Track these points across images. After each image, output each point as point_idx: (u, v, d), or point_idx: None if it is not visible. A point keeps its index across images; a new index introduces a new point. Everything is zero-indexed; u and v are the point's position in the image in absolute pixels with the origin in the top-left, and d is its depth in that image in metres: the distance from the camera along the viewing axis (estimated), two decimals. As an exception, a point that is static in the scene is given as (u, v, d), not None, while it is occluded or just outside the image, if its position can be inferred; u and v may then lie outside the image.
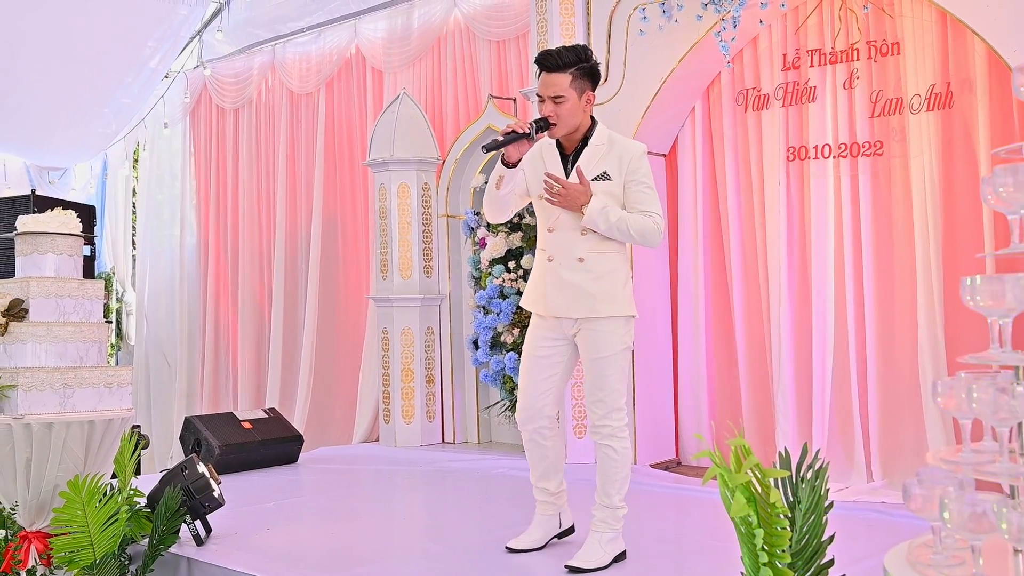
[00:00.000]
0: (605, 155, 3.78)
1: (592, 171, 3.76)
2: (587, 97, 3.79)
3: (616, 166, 3.76)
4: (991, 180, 1.82)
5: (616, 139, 3.85)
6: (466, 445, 7.15)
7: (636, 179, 3.76)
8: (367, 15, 8.28)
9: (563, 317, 3.81)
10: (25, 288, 4.14)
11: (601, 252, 3.77)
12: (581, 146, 3.82)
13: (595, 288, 3.75)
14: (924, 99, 5.27)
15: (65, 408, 4.05)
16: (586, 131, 3.83)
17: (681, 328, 6.28)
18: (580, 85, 3.76)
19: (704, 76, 6.10)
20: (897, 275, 5.40)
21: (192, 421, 6.39)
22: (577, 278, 3.76)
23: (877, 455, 5.37)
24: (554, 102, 3.75)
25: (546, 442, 3.95)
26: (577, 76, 3.76)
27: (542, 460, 3.98)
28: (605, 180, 3.75)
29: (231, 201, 9.58)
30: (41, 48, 8.76)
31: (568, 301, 3.78)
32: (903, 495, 1.81)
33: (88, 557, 3.79)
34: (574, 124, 3.79)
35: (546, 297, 3.83)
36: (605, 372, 3.76)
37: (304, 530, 4.66)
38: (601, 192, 3.73)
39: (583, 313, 3.76)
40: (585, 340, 3.80)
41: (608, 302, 3.75)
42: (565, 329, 3.83)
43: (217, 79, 9.68)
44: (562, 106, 3.74)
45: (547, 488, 4.00)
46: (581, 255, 3.76)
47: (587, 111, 3.81)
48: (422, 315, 7.23)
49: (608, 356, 3.75)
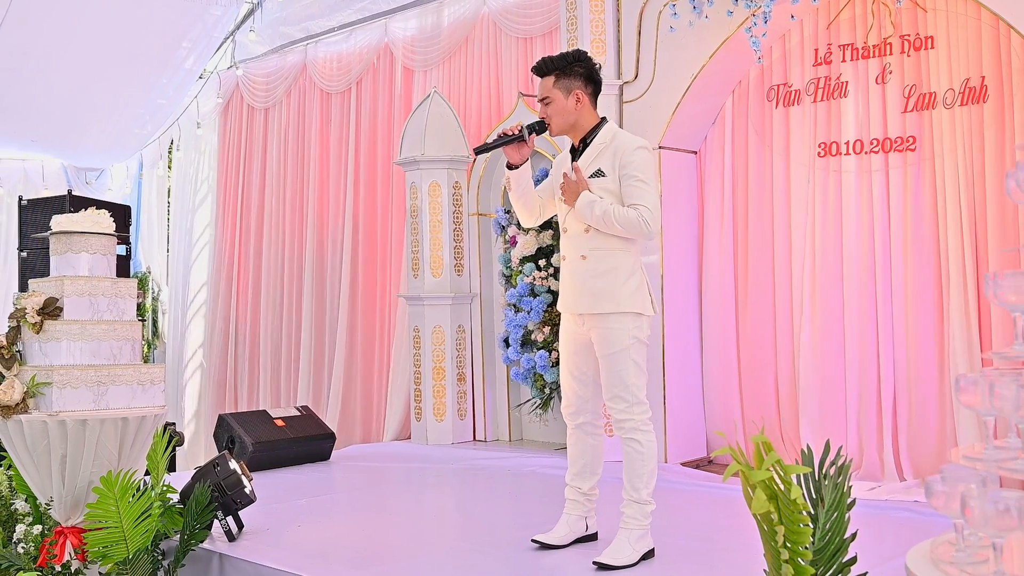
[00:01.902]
0: (602, 152, 3.91)
1: (589, 168, 3.90)
2: (576, 96, 3.93)
3: (610, 162, 3.87)
4: (1015, 174, 1.80)
5: (619, 136, 3.95)
6: (497, 443, 7.16)
7: (628, 173, 3.84)
8: (397, 14, 8.32)
9: (572, 313, 3.94)
10: (59, 287, 4.19)
11: (602, 250, 3.86)
12: (584, 146, 3.96)
13: (595, 285, 3.85)
14: (958, 93, 5.21)
15: (99, 405, 4.09)
16: (590, 130, 3.95)
17: (710, 325, 6.25)
18: (566, 85, 3.93)
19: (735, 72, 6.07)
20: (929, 272, 5.34)
21: (225, 418, 6.45)
22: (580, 276, 3.90)
23: (908, 454, 5.31)
24: (542, 103, 3.97)
25: (590, 439, 4.02)
26: (561, 77, 3.94)
27: (581, 456, 4.03)
28: (600, 177, 3.87)
29: (262, 200, 9.63)
30: (78, 51, 8.87)
31: (574, 297, 3.92)
32: (925, 492, 1.79)
33: (121, 552, 3.83)
34: (566, 122, 3.95)
35: (562, 294, 4.02)
36: (617, 367, 3.83)
37: (335, 527, 4.69)
38: (598, 188, 3.86)
39: (585, 309, 3.88)
40: (595, 338, 3.89)
41: (607, 299, 3.83)
42: (580, 326, 3.95)
43: (249, 79, 9.75)
44: (550, 106, 3.96)
45: (580, 487, 4.04)
46: (584, 252, 3.89)
47: (579, 109, 3.94)
48: (453, 313, 7.25)
49: (617, 352, 3.82)
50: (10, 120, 9.60)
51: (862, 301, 5.53)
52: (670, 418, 5.96)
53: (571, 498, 4.07)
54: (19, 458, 4.09)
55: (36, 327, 4.10)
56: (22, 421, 3.96)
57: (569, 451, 4.06)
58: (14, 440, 4.03)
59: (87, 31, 8.66)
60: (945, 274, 5.24)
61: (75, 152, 10.67)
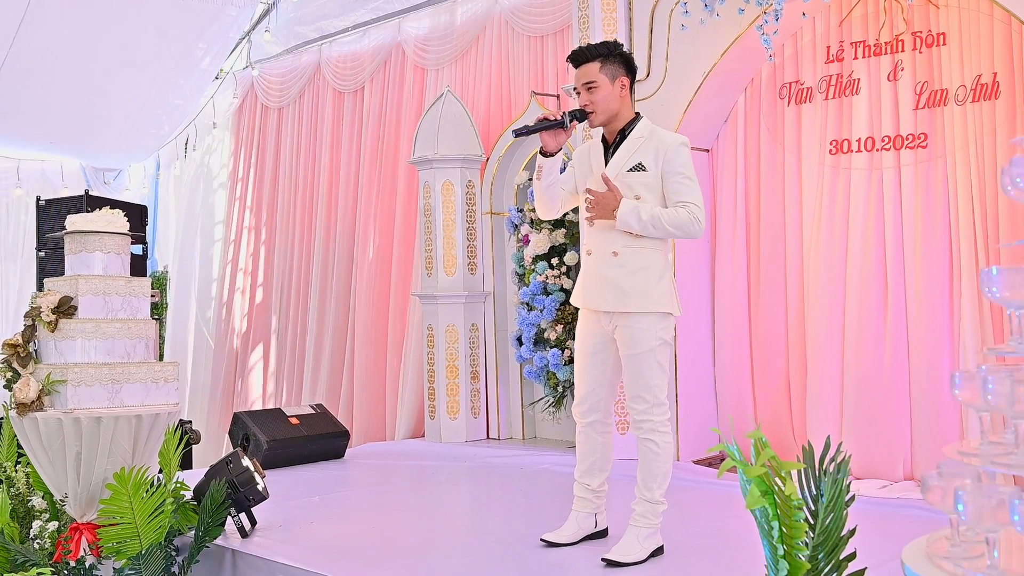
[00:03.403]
0: (643, 146, 3.80)
1: (628, 162, 3.78)
2: (621, 82, 3.83)
3: (652, 157, 3.77)
4: (1008, 170, 1.80)
5: (657, 131, 3.86)
6: (511, 441, 7.18)
7: (673, 169, 3.75)
8: (411, 13, 8.35)
9: (597, 310, 3.84)
10: (74, 286, 4.24)
11: (636, 247, 3.78)
12: (621, 139, 3.85)
13: (627, 283, 3.76)
14: (970, 90, 5.20)
15: (113, 403, 4.14)
16: (628, 123, 3.85)
17: (722, 322, 6.25)
18: (611, 71, 3.82)
19: (747, 70, 6.07)
20: (941, 269, 5.32)
21: (240, 416, 6.50)
22: (611, 273, 3.79)
23: (920, 452, 5.30)
24: (587, 89, 3.82)
25: (599, 436, 3.98)
26: (606, 63, 3.82)
27: (591, 454, 3.99)
28: (640, 171, 3.76)
29: (275, 198, 9.68)
30: (95, 53, 8.95)
31: (601, 294, 3.82)
32: (921, 488, 1.80)
33: (135, 547, 3.88)
34: (611, 110, 3.83)
35: (584, 290, 3.90)
36: (641, 368, 3.77)
37: (348, 523, 4.72)
38: (637, 184, 3.75)
39: (613, 307, 3.79)
40: (620, 336, 3.82)
41: (639, 298, 3.76)
42: (603, 324, 3.86)
43: (264, 79, 9.81)
44: (595, 92, 3.81)
45: (589, 484, 4.01)
46: (615, 249, 3.79)
47: (623, 97, 3.84)
48: (466, 312, 7.27)
49: (643, 352, 3.76)
50: (29, 122, 9.69)
51: (874, 299, 5.51)
52: (682, 415, 5.96)
53: (580, 495, 4.05)
54: (35, 455, 4.14)
55: (51, 326, 4.15)
56: (37, 419, 4.02)
57: (578, 449, 4.04)
58: (30, 437, 4.08)
59: (104, 33, 8.73)
60: (957, 271, 5.22)
61: (93, 153, 10.76)
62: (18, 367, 4.14)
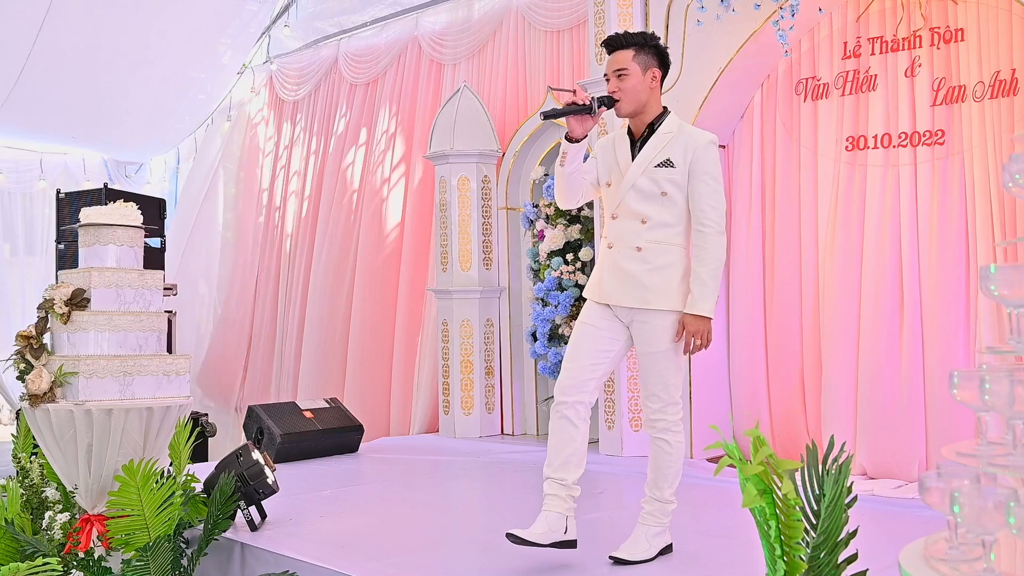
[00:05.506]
0: (671, 142, 3.71)
1: (656, 157, 3.70)
2: (652, 74, 3.74)
3: (681, 154, 3.69)
4: (1009, 167, 1.78)
5: (685, 128, 3.77)
6: (525, 437, 7.18)
7: (701, 169, 3.68)
8: (429, 8, 8.35)
9: (616, 306, 3.75)
10: (87, 278, 4.25)
11: (660, 244, 3.70)
12: (649, 133, 3.77)
13: (650, 280, 3.68)
14: (988, 86, 5.15)
15: (124, 395, 4.15)
16: (656, 117, 3.78)
17: (737, 319, 6.22)
18: (644, 61, 3.73)
19: (763, 66, 6.03)
20: (958, 267, 5.27)
21: (255, 410, 6.51)
22: (633, 268, 3.70)
23: (935, 452, 5.26)
24: (617, 76, 3.73)
25: (580, 424, 3.71)
26: (640, 52, 3.73)
27: (568, 444, 3.67)
28: (668, 167, 3.68)
29: (291, 192, 9.71)
30: (117, 48, 9.01)
31: (622, 290, 3.72)
32: (919, 489, 1.78)
33: (143, 539, 3.90)
34: (639, 101, 3.73)
35: (602, 284, 3.78)
36: (658, 367, 3.70)
37: (358, 518, 4.73)
38: (663, 180, 3.68)
39: (634, 303, 3.69)
40: (638, 333, 3.74)
41: (661, 295, 3.67)
42: (620, 316, 3.77)
43: (283, 73, 9.85)
44: (625, 80, 3.71)
45: (564, 480, 3.66)
46: (639, 244, 3.70)
47: (653, 89, 3.75)
48: (481, 307, 7.27)
49: (661, 351, 3.69)
50: (52, 116, 9.78)
51: (890, 297, 5.47)
52: (695, 414, 5.94)
53: (552, 492, 3.68)
54: (47, 446, 4.17)
55: (64, 317, 4.17)
56: (49, 410, 4.04)
57: (551, 440, 3.70)
58: (42, 429, 4.10)
59: (125, 29, 8.79)
60: (974, 269, 5.17)
61: (116, 147, 10.85)
62: (31, 358, 4.16)
